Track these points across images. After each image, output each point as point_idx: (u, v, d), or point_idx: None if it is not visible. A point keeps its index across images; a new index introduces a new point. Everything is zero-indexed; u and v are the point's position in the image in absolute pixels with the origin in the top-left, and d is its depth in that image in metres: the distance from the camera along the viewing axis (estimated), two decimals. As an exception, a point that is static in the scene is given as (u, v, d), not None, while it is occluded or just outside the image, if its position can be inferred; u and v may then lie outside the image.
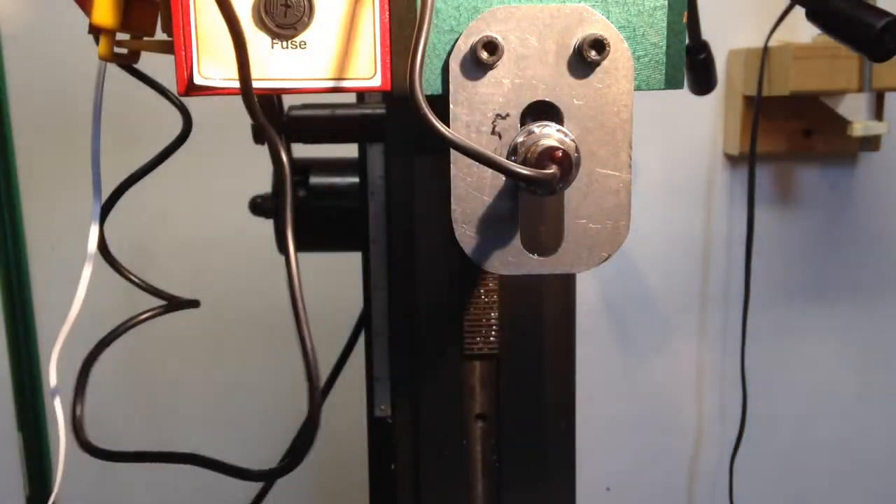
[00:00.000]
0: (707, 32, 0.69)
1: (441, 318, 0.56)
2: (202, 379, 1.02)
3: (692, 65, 0.67)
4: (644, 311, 1.07)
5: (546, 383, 0.57)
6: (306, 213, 0.64)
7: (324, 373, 0.73)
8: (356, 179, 0.63)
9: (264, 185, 0.66)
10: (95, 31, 0.37)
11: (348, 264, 0.68)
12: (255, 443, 1.04)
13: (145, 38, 0.39)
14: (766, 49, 0.93)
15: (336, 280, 0.85)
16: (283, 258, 0.65)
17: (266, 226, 0.66)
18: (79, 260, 0.39)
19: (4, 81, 0.90)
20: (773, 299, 1.07)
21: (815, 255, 1.07)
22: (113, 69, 0.40)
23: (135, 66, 0.40)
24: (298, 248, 0.66)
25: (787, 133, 1.01)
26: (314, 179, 0.65)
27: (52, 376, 0.40)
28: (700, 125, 1.04)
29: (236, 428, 1.04)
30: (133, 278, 0.45)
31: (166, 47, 0.37)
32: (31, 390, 0.90)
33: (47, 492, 0.89)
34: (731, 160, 1.04)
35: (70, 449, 0.43)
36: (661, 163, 1.01)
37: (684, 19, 0.35)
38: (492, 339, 0.55)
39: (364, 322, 0.65)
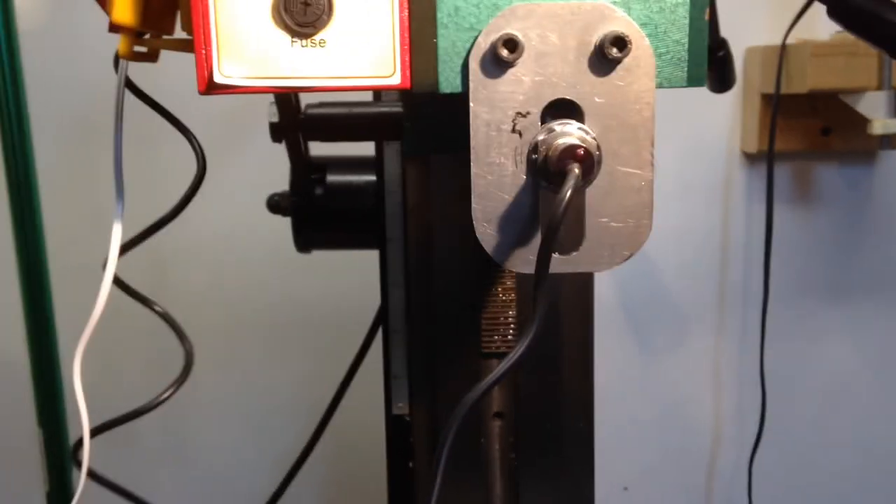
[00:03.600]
0: (724, 30, 0.69)
1: (458, 316, 0.56)
2: (219, 376, 1.02)
3: (711, 63, 0.67)
4: (661, 310, 1.07)
5: (564, 382, 0.56)
6: (323, 212, 0.64)
7: (342, 370, 0.73)
8: (373, 177, 0.63)
9: (282, 184, 0.66)
10: (115, 29, 0.37)
11: (367, 260, 0.68)
12: (270, 439, 1.04)
13: (165, 37, 0.39)
14: (783, 46, 0.92)
15: (355, 276, 0.85)
16: (300, 255, 0.66)
17: (283, 223, 0.66)
18: (97, 254, 0.39)
19: (22, 77, 0.91)
20: (792, 298, 1.07)
21: (833, 254, 1.07)
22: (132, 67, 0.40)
23: (147, 93, 0.40)
24: (316, 247, 0.67)
25: (805, 131, 1.00)
26: (331, 177, 0.65)
27: (77, 385, 0.40)
28: (717, 123, 1.03)
29: (252, 424, 1.04)
30: (157, 308, 0.45)
31: (186, 46, 0.38)
32: (51, 386, 0.91)
33: (67, 486, 0.90)
34: (749, 158, 1.04)
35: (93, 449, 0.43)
36: (678, 161, 1.01)
37: (706, 16, 0.35)
38: (509, 337, 0.55)
39: (381, 320, 0.65)
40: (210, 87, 0.34)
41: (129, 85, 0.41)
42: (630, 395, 1.08)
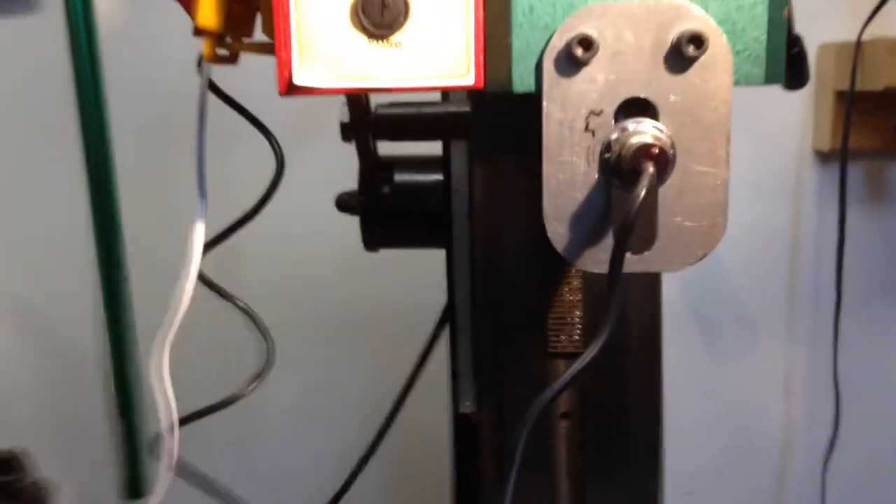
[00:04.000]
0: (797, 25, 0.67)
1: (525, 316, 0.56)
2: (286, 370, 1.04)
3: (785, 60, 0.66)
4: (730, 312, 1.05)
5: (631, 383, 0.56)
6: (391, 210, 0.65)
7: (408, 366, 0.74)
8: (440, 176, 0.64)
9: (349, 182, 0.67)
10: (199, 33, 0.38)
11: (434, 258, 0.69)
12: (337, 434, 1.06)
13: (245, 40, 0.40)
14: (858, 43, 0.90)
15: (422, 273, 0.86)
16: (367, 253, 0.67)
17: (351, 221, 0.67)
18: (172, 251, 0.40)
19: (102, 78, 0.94)
20: (865, 300, 1.04)
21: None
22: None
23: (228, 94, 0.41)
24: (383, 245, 0.68)
25: (879, 129, 0.97)
26: (399, 176, 0.65)
27: (166, 380, 0.41)
28: (789, 120, 1.01)
29: (319, 419, 1.06)
30: (239, 303, 0.46)
31: (267, 49, 0.39)
32: (126, 380, 0.94)
33: (140, 479, 0.93)
34: (821, 156, 1.01)
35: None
36: (749, 158, 0.99)
37: (785, 13, 0.35)
38: (576, 337, 0.55)
39: (448, 318, 0.65)
40: (290, 90, 0.35)
41: (212, 87, 0.42)
42: (697, 398, 1.06)
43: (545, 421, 0.57)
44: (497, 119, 0.45)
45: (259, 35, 0.41)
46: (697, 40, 0.33)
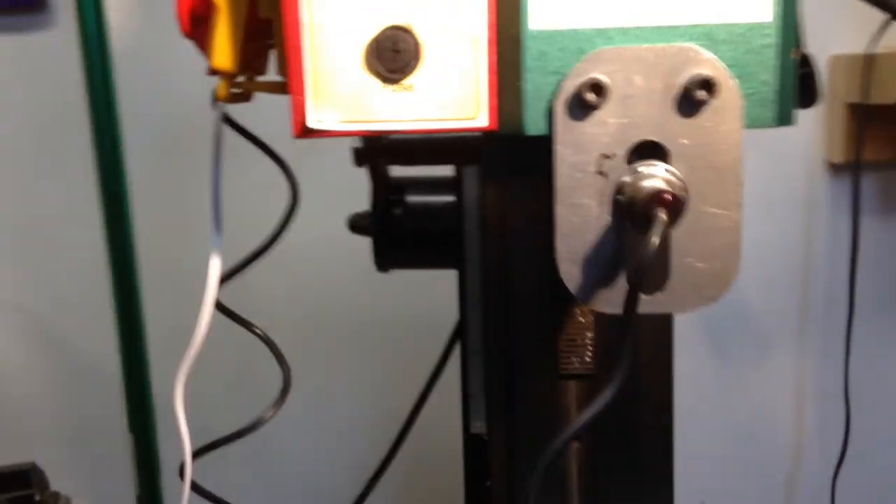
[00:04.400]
0: (808, 37, 0.67)
1: (536, 337, 0.56)
2: (300, 385, 1.05)
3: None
4: (742, 323, 1.05)
5: (643, 403, 0.56)
6: (403, 232, 0.66)
7: (420, 380, 0.74)
8: (452, 198, 0.64)
9: (362, 203, 0.68)
10: (214, 73, 0.39)
11: (446, 275, 0.69)
12: (349, 448, 1.06)
13: (259, 79, 0.40)
14: (869, 56, 0.90)
15: (435, 288, 0.86)
16: (376, 271, 0.67)
17: (361, 239, 0.67)
18: (188, 268, 0.40)
19: (115, 92, 0.95)
20: (877, 312, 1.03)
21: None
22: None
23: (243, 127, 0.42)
24: (395, 266, 0.68)
25: (891, 141, 0.97)
26: (410, 198, 0.66)
27: (179, 411, 0.42)
28: (801, 131, 1.00)
29: (332, 434, 1.07)
30: (257, 331, 0.47)
31: (280, 88, 0.39)
32: (141, 393, 0.95)
33: (156, 492, 0.93)
34: (834, 168, 1.01)
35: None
36: (761, 170, 0.99)
37: (794, 55, 0.35)
38: (587, 359, 0.55)
39: (458, 337, 0.66)
40: (304, 132, 0.36)
41: (227, 120, 0.42)
42: (709, 408, 1.06)
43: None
44: (508, 143, 0.46)
45: (272, 70, 0.42)
46: (708, 85, 0.33)
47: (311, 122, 0.35)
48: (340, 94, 0.35)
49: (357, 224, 0.67)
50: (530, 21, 0.34)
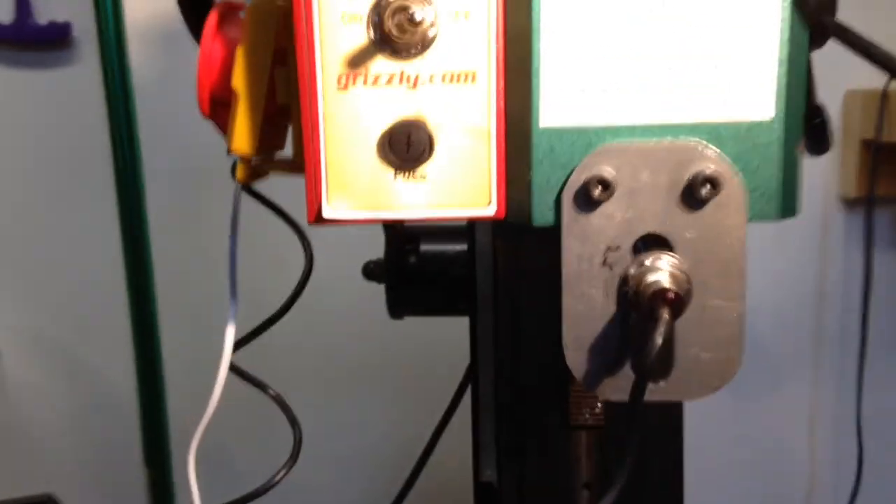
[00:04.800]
0: (823, 72, 0.67)
1: (547, 388, 0.57)
2: (315, 416, 1.06)
3: (806, 129, 0.66)
4: (756, 356, 1.05)
5: (653, 453, 0.57)
6: (416, 279, 0.67)
7: (430, 427, 0.75)
8: (464, 247, 0.65)
9: (377, 250, 0.69)
10: (232, 153, 0.40)
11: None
12: (362, 484, 1.07)
13: (276, 160, 0.41)
14: (885, 93, 0.90)
15: (447, 328, 0.87)
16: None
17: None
18: (206, 300, 0.40)
19: (137, 130, 0.96)
20: (891, 346, 1.03)
21: (937, 301, 1.03)
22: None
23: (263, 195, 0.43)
24: (408, 314, 0.69)
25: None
26: (424, 247, 0.67)
27: (191, 476, 0.43)
28: (815, 167, 1.00)
29: (345, 464, 1.08)
30: (270, 392, 0.48)
31: (296, 168, 0.40)
32: (158, 427, 0.97)
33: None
34: (847, 203, 1.01)
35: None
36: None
37: (798, 149, 0.35)
38: (597, 410, 0.56)
39: (469, 382, 0.66)
40: (318, 221, 0.37)
41: (246, 189, 0.44)
42: (723, 441, 1.07)
43: (568, 492, 0.58)
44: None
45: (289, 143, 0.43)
46: (713, 182, 0.34)
47: (326, 213, 0.36)
48: (355, 183, 0.36)
49: (371, 272, 0.68)
50: (541, 119, 0.35)
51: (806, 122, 0.67)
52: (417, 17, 0.33)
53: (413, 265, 0.67)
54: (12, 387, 1.04)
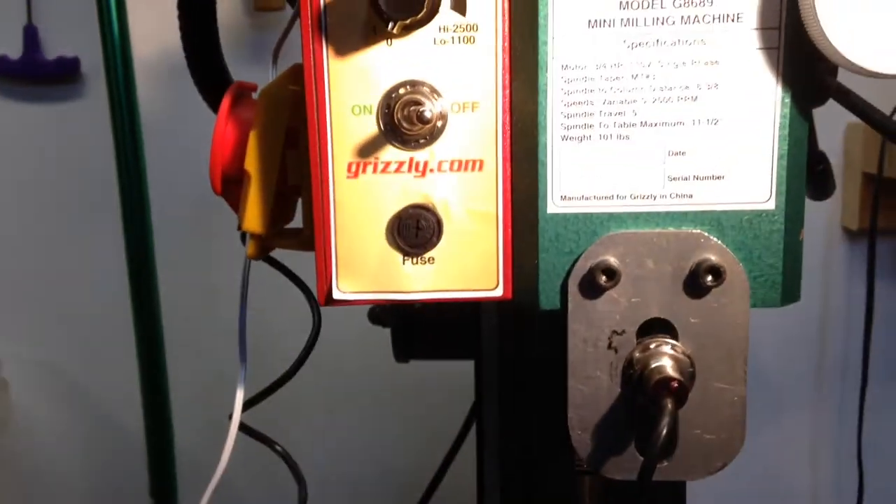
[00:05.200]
0: (825, 106, 0.68)
1: (552, 433, 0.57)
2: (317, 441, 1.07)
3: (810, 176, 0.67)
4: (758, 383, 1.06)
5: (657, 496, 0.57)
6: (422, 324, 0.67)
7: (433, 467, 0.76)
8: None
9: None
10: (244, 233, 0.41)
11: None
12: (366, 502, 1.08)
13: (286, 237, 0.42)
14: (887, 128, 0.91)
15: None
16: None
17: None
18: (210, 329, 0.40)
19: (145, 163, 0.97)
20: (892, 376, 1.04)
21: (939, 331, 1.04)
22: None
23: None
24: (413, 357, 0.70)
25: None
26: (430, 292, 0.68)
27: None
28: (816, 197, 1.01)
29: (347, 487, 1.09)
30: (278, 448, 0.49)
31: (306, 245, 0.41)
32: (163, 458, 0.97)
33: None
34: (850, 234, 1.02)
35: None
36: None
37: (801, 237, 0.36)
38: (602, 457, 0.57)
39: (475, 416, 0.67)
40: (328, 302, 0.38)
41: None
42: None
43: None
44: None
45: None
46: (715, 273, 0.34)
47: (337, 295, 0.37)
48: (364, 267, 0.37)
49: (377, 316, 0.69)
50: (547, 206, 0.36)
51: (809, 169, 0.68)
52: (427, 116, 0.33)
53: (418, 310, 0.68)
54: (20, 416, 1.05)
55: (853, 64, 0.31)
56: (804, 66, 0.34)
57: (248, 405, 0.47)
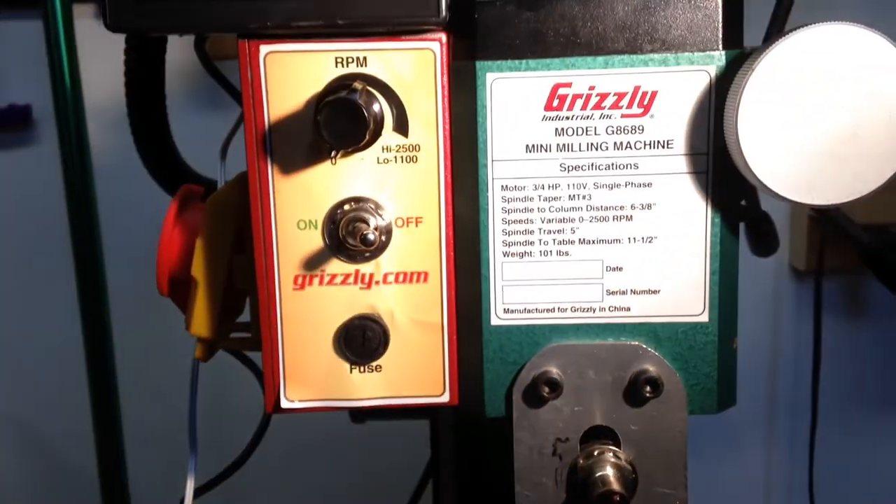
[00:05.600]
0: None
1: (510, 494, 0.58)
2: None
3: (754, 235, 0.68)
4: (712, 422, 1.07)
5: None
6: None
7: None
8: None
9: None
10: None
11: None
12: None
13: (234, 338, 0.42)
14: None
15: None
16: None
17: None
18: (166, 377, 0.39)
19: (97, 212, 0.96)
20: (842, 410, 1.07)
21: (883, 367, 1.06)
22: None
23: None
24: (370, 418, 0.70)
25: (852, 250, 1.00)
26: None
27: None
28: (765, 237, 1.04)
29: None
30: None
31: (254, 345, 0.41)
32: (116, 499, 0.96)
33: None
34: (797, 273, 1.04)
35: None
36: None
37: (734, 344, 0.37)
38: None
39: (431, 473, 0.67)
40: (276, 411, 0.38)
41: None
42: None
43: None
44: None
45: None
46: (654, 384, 0.35)
47: (284, 404, 0.37)
48: (311, 376, 0.37)
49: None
50: (491, 318, 0.36)
51: (754, 230, 0.70)
52: (371, 238, 0.34)
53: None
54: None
55: (775, 193, 0.32)
56: (733, 188, 0.35)
57: (199, 492, 0.47)
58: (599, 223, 0.35)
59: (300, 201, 0.36)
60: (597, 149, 0.34)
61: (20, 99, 0.96)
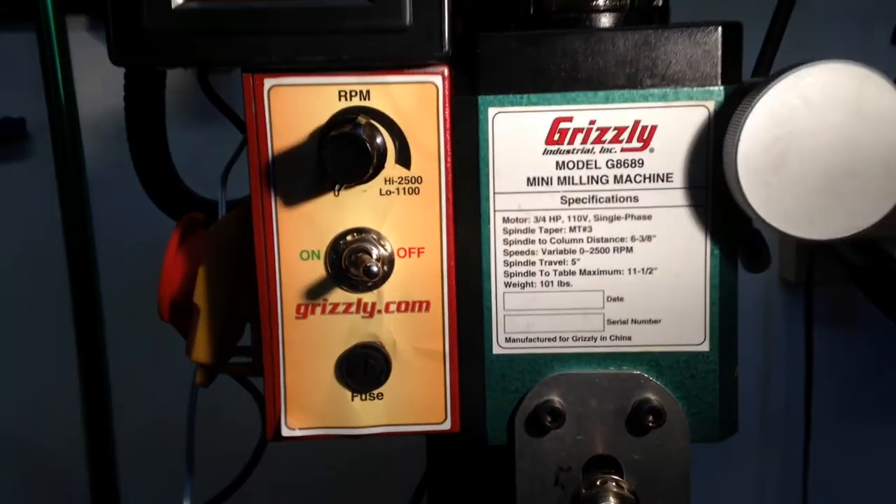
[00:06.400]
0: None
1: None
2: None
3: (746, 252, 0.69)
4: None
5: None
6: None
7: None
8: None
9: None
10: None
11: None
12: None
13: (232, 361, 0.42)
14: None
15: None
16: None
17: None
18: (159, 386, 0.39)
19: (92, 225, 0.96)
20: (835, 421, 1.07)
21: (875, 377, 1.07)
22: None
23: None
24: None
25: (840, 262, 1.01)
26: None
27: None
28: (757, 249, 1.04)
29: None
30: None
31: (255, 372, 0.41)
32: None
33: None
34: (788, 285, 1.05)
35: None
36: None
37: (735, 373, 0.38)
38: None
39: (427, 485, 0.67)
40: (276, 438, 0.38)
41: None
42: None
43: None
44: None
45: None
46: (656, 413, 0.36)
47: (285, 432, 0.38)
48: (313, 404, 0.38)
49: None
50: (493, 347, 0.37)
51: (745, 246, 0.70)
52: (374, 270, 0.34)
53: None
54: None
55: (774, 228, 0.33)
56: (732, 221, 0.35)
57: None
58: (600, 254, 0.35)
59: (303, 232, 0.36)
60: (597, 182, 0.34)
61: (14, 112, 0.96)
